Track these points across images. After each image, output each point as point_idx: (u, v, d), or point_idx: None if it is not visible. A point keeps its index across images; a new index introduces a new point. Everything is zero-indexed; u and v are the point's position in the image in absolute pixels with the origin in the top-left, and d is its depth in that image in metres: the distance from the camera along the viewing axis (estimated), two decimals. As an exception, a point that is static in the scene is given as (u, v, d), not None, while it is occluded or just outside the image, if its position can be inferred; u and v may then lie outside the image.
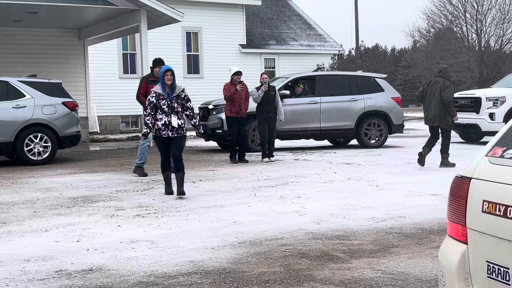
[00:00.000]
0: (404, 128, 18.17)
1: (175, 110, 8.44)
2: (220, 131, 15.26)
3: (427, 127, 12.09)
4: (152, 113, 8.48)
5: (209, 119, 15.63)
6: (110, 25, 18.11)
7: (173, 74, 8.40)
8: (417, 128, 25.91)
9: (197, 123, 8.64)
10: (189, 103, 8.56)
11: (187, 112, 8.56)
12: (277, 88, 15.03)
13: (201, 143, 19.44)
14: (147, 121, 8.50)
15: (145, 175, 10.97)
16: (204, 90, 25.57)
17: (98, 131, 23.77)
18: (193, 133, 21.07)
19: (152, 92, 8.49)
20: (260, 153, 13.77)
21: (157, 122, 8.47)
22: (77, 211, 7.81)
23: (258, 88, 13.28)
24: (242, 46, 27.61)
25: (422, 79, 60.31)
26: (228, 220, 7.06)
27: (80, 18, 17.97)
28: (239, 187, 9.56)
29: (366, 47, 39.46)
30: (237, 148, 13.21)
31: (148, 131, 8.57)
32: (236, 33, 27.43)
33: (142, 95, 10.98)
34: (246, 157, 13.41)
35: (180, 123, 8.47)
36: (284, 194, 8.80)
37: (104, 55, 23.86)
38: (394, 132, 16.60)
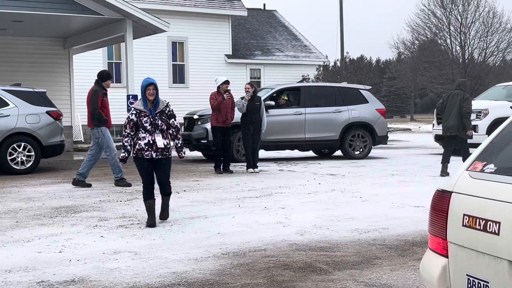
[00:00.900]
0: (388, 139, 18.27)
1: (160, 127, 7.36)
2: (205, 141, 15.27)
3: (411, 138, 12.38)
4: (131, 134, 7.37)
5: (194, 129, 15.63)
6: (96, 34, 18.07)
7: (156, 88, 7.34)
8: (401, 139, 26.04)
9: (179, 144, 7.53)
10: (172, 120, 7.44)
11: (170, 131, 7.46)
12: (262, 98, 15.06)
13: (186, 153, 19.39)
14: (125, 143, 7.36)
15: (129, 185, 10.93)
16: (189, 100, 25.56)
17: (83, 140, 23.65)
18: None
19: (132, 109, 7.43)
20: (245, 164, 13.77)
21: (139, 142, 7.31)
22: (60, 221, 7.76)
23: (243, 98, 13.31)
24: (228, 56, 27.67)
25: (406, 90, 60.75)
26: (212, 231, 7.05)
27: (65, 27, 17.92)
28: (223, 197, 9.55)
29: (351, 58, 39.70)
30: (222, 158, 13.21)
31: (127, 155, 7.34)
32: (222, 43, 27.49)
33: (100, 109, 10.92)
34: (231, 168, 13.41)
35: (166, 143, 7.38)
36: (268, 205, 8.81)
37: (89, 64, 23.79)
38: (378, 144, 16.70)
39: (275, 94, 16.00)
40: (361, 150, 16.33)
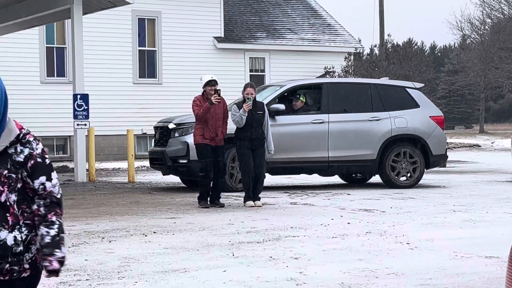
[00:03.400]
0: (448, 159, 18.27)
1: None
2: (185, 161, 15.23)
3: (480, 158, 12.28)
4: None
5: (169, 143, 15.60)
6: (29, 7, 18.14)
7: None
8: (466, 160, 25.94)
9: (56, 235, 3.96)
10: (41, 179, 3.83)
11: (40, 204, 3.85)
12: (267, 101, 15.05)
13: (157, 177, 19.39)
14: None
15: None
16: (162, 101, 25.59)
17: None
18: (146, 163, 21.01)
19: None
20: (242, 194, 13.75)
21: None
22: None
23: (239, 106, 13.19)
24: (218, 39, 27.73)
25: (473, 89, 60.80)
26: (194, 291, 7.05)
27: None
28: (210, 242, 9.55)
29: (394, 43, 39.84)
30: (211, 186, 13.18)
31: None
32: (209, 21, 27.53)
33: None
34: (221, 200, 13.39)
35: (17, 238, 3.82)
36: (276, 254, 8.80)
37: (19, 50, 23.82)
38: (433, 166, 16.70)
39: (286, 94, 16.00)
40: (408, 175, 16.31)
